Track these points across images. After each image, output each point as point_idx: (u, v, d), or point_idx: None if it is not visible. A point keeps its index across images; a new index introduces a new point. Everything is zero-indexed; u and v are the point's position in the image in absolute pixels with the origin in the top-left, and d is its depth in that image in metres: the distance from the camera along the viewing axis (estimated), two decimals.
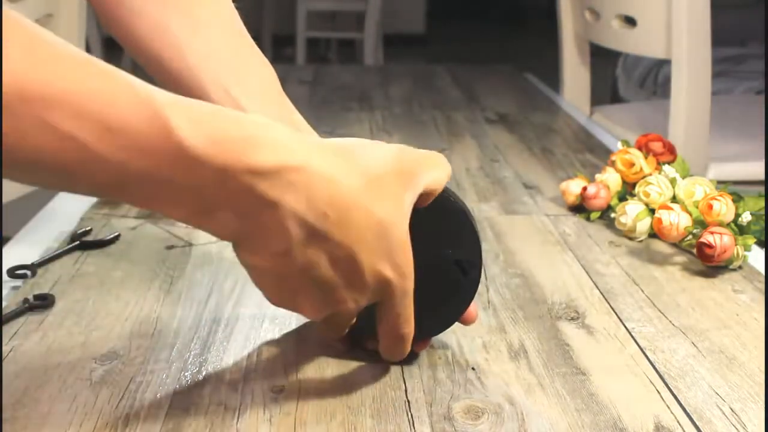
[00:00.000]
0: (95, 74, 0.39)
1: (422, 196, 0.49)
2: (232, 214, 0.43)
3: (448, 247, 0.54)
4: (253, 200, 0.42)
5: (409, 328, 0.51)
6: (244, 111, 0.59)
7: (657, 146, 0.87)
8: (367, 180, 0.46)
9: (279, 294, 0.48)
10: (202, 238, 0.78)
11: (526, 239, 0.80)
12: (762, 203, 0.77)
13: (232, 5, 0.64)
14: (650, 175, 0.83)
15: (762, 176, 1.34)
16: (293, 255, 0.44)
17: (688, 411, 0.51)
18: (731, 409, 0.51)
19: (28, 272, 0.68)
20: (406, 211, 0.47)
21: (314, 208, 0.43)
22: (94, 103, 0.37)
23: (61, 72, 0.37)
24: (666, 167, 0.82)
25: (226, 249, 0.75)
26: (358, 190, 0.45)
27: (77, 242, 0.74)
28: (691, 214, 0.76)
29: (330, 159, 0.45)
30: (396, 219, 0.47)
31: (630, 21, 1.42)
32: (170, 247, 0.75)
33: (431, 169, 0.50)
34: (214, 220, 0.43)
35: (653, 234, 0.80)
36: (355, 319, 0.53)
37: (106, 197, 0.43)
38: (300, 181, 0.43)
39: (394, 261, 0.47)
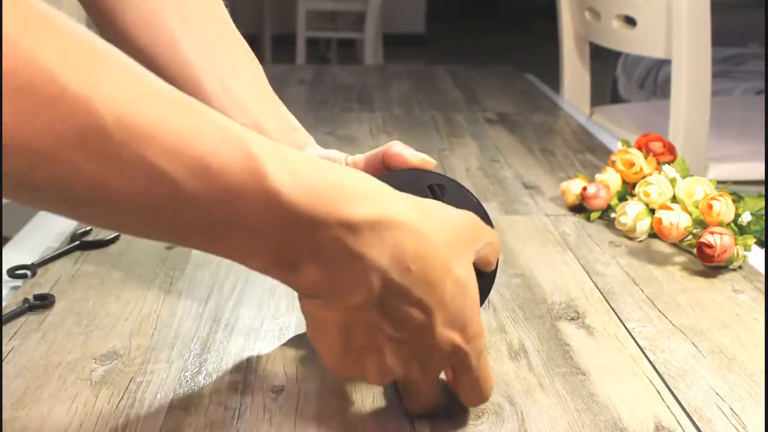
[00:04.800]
0: (189, 110, 0.37)
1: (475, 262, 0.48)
2: (315, 267, 0.41)
3: None
4: (340, 254, 0.40)
5: (491, 384, 0.48)
6: (241, 104, 0.59)
7: (657, 146, 0.87)
8: (448, 237, 0.44)
9: (345, 352, 0.45)
10: None
11: (526, 239, 0.80)
12: (762, 203, 0.77)
13: (222, 3, 0.64)
14: (650, 175, 0.83)
15: (762, 176, 1.34)
16: (368, 308, 0.43)
17: (688, 411, 0.51)
18: (731, 409, 0.51)
19: (28, 272, 0.68)
20: (474, 271, 0.46)
21: (399, 263, 0.42)
22: (188, 141, 0.36)
23: (157, 106, 0.36)
24: (666, 167, 0.82)
25: None
26: (441, 247, 0.44)
27: (77, 242, 0.74)
28: (691, 214, 0.76)
29: (414, 212, 0.43)
30: (471, 278, 0.45)
31: (630, 21, 1.42)
32: (170, 247, 0.75)
33: (488, 237, 0.48)
34: (295, 272, 0.41)
35: (653, 234, 0.80)
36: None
37: (183, 243, 0.41)
38: (390, 235, 0.41)
39: (465, 324, 0.45)
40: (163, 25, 0.59)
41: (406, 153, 0.54)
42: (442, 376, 0.50)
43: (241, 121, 0.58)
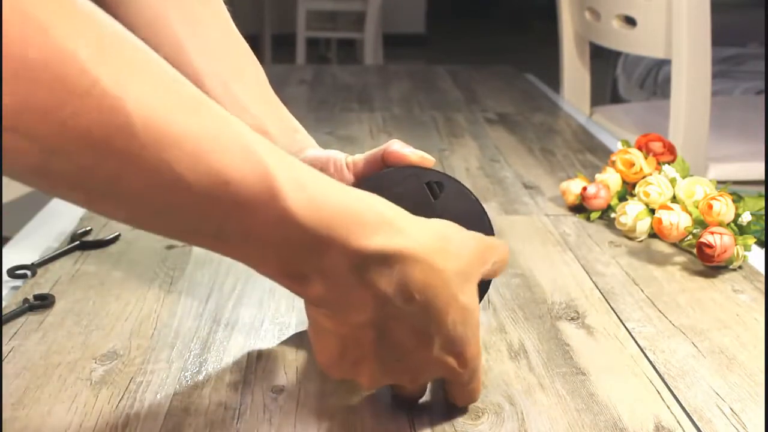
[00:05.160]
0: (211, 117, 0.37)
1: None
2: (321, 283, 0.41)
3: None
4: (347, 277, 0.41)
5: (479, 392, 0.50)
6: (243, 106, 0.59)
7: (657, 146, 0.87)
8: (459, 265, 0.45)
9: (340, 359, 0.45)
10: None
11: (526, 239, 0.80)
12: (762, 203, 0.77)
13: (224, 5, 0.64)
14: (650, 175, 0.83)
15: (762, 176, 1.34)
16: (369, 327, 0.43)
17: (688, 411, 0.51)
18: (731, 409, 0.51)
19: (28, 272, 0.68)
20: (477, 295, 0.47)
21: (404, 292, 0.42)
22: (210, 151, 0.36)
23: (184, 112, 0.36)
24: (666, 167, 0.82)
25: None
26: (451, 277, 0.44)
27: (77, 242, 0.74)
28: (691, 214, 0.76)
29: (429, 241, 0.43)
30: (475, 304, 0.46)
31: (630, 21, 1.42)
32: (170, 247, 0.75)
33: (496, 256, 0.49)
34: (302, 285, 0.42)
35: (653, 234, 0.80)
36: None
37: (194, 243, 0.42)
38: (399, 266, 0.42)
39: (463, 350, 0.46)
40: (167, 27, 0.59)
41: (406, 151, 0.54)
42: None
43: (244, 123, 0.59)
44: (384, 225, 0.42)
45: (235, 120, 0.39)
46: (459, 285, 0.45)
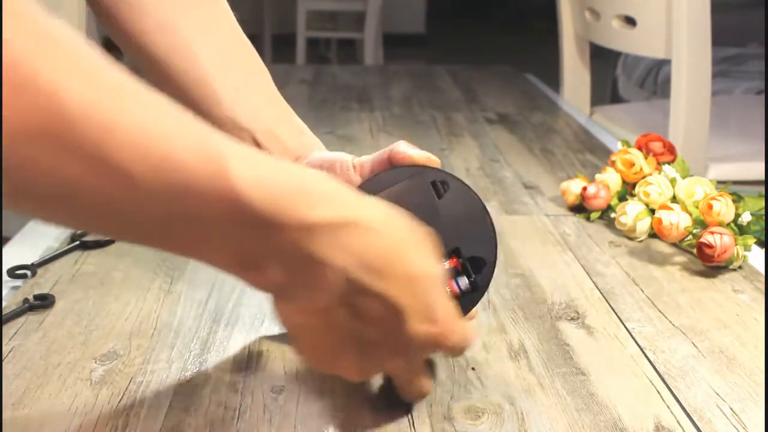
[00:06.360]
0: (151, 105, 0.37)
1: None
2: (278, 268, 0.41)
3: (463, 241, 0.53)
4: (300, 255, 0.40)
5: (470, 341, 0.49)
6: (254, 110, 0.59)
7: (657, 146, 0.87)
8: (409, 235, 0.45)
9: (319, 354, 0.45)
10: None
11: (526, 239, 0.80)
12: (762, 203, 0.77)
13: (229, 8, 0.64)
14: (650, 175, 0.83)
15: (762, 176, 1.34)
16: (336, 310, 0.43)
17: (688, 411, 0.51)
18: (731, 409, 0.51)
19: (28, 272, 0.68)
20: (439, 264, 0.46)
21: (362, 263, 0.42)
22: (150, 137, 0.35)
23: (121, 101, 0.35)
24: (666, 167, 0.82)
25: None
26: (406, 245, 0.44)
27: (77, 242, 0.74)
28: (691, 214, 0.76)
29: (376, 212, 0.43)
30: (435, 270, 0.46)
31: (630, 21, 1.42)
32: None
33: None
34: (259, 273, 0.41)
35: (653, 234, 0.80)
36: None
37: (144, 242, 0.40)
38: (351, 237, 0.41)
39: (436, 314, 0.45)
40: (178, 33, 0.59)
41: (412, 152, 0.54)
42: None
43: (254, 127, 0.59)
44: (328, 198, 0.41)
45: (179, 108, 0.38)
46: (414, 251, 0.44)
